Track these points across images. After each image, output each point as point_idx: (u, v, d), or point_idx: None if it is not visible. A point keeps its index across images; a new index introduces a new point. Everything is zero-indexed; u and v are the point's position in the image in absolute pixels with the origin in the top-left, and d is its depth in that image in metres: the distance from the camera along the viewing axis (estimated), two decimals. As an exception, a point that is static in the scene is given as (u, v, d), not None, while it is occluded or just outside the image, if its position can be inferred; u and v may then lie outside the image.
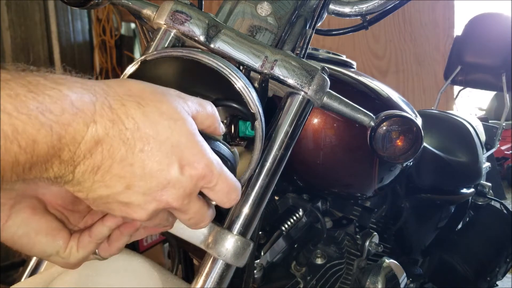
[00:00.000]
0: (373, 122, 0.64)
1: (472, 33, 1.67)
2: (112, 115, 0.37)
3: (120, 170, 0.37)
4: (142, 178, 0.38)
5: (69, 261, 0.47)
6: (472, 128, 1.52)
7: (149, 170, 0.38)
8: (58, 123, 0.34)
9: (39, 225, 0.46)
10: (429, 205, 1.25)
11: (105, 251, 0.49)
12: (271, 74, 0.58)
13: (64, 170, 0.36)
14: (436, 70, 2.75)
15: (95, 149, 0.36)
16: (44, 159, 0.34)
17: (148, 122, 0.38)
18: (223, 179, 0.42)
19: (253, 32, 0.64)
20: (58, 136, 0.34)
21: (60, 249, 0.46)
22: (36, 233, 0.46)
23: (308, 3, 0.67)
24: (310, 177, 0.90)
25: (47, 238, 0.46)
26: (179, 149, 0.39)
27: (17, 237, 0.45)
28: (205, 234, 0.54)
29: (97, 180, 0.37)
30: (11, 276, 2.04)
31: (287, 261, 0.90)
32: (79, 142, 0.35)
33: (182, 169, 0.39)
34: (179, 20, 0.59)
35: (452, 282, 1.30)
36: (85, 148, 0.35)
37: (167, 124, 0.39)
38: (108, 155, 0.37)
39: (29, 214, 0.46)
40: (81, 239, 0.47)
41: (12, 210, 0.46)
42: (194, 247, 0.54)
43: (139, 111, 0.38)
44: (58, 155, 0.34)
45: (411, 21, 2.76)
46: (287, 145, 0.58)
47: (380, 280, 0.87)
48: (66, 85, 0.35)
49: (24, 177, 0.34)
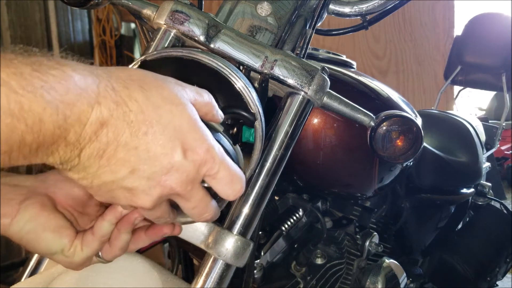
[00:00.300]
0: (373, 122, 0.64)
1: (472, 33, 1.67)
2: (115, 97, 0.37)
3: (125, 153, 0.37)
4: (146, 162, 0.38)
5: (73, 260, 0.47)
6: (472, 128, 1.52)
7: (153, 153, 0.38)
8: (63, 102, 0.34)
9: (47, 221, 0.47)
10: (429, 205, 1.25)
11: (108, 252, 0.49)
12: (271, 74, 0.58)
13: (70, 153, 0.35)
14: (436, 70, 2.75)
15: (100, 131, 0.36)
16: (51, 140, 0.34)
17: (151, 106, 0.38)
18: (225, 166, 0.42)
19: (253, 32, 0.64)
20: (64, 116, 0.34)
21: (65, 247, 0.47)
22: (43, 229, 0.46)
23: (308, 3, 0.67)
24: (310, 177, 0.90)
25: (54, 235, 0.46)
26: (181, 134, 0.39)
27: (25, 232, 0.46)
28: (205, 234, 0.54)
29: (102, 165, 0.37)
30: (11, 276, 2.04)
31: (287, 261, 0.90)
32: (84, 123, 0.35)
33: (185, 153, 0.39)
34: (179, 20, 0.59)
35: (452, 282, 1.30)
36: (90, 130, 0.35)
37: (169, 108, 0.39)
38: (113, 138, 0.36)
39: (38, 210, 0.46)
40: (85, 238, 0.47)
41: (21, 205, 0.46)
42: (194, 247, 0.54)
43: (142, 94, 0.38)
44: (64, 137, 0.34)
45: (411, 21, 2.76)
46: (287, 145, 0.58)
47: (380, 280, 0.87)
48: (69, 66, 0.35)
49: (30, 159, 0.34)
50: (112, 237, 0.48)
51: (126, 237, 0.48)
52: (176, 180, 0.39)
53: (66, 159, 0.36)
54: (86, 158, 0.36)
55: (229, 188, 0.42)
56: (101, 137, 0.36)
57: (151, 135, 0.38)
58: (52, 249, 0.47)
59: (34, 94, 0.32)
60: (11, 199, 0.47)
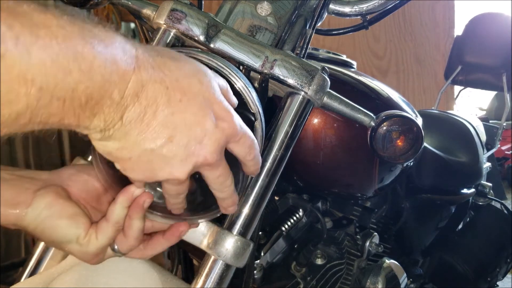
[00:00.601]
0: (373, 122, 0.64)
1: (473, 33, 1.67)
2: (152, 62, 0.38)
3: (163, 118, 0.38)
4: (182, 129, 0.39)
5: (87, 250, 0.47)
6: (472, 128, 1.51)
7: (188, 121, 0.39)
8: (109, 58, 0.35)
9: (63, 208, 0.47)
10: (429, 205, 1.25)
11: (123, 243, 0.49)
12: (271, 74, 0.58)
13: (114, 114, 0.36)
14: (436, 70, 2.75)
15: (141, 93, 0.37)
16: (98, 95, 0.34)
17: (183, 75, 0.40)
18: (248, 135, 0.45)
19: (253, 32, 0.64)
20: (110, 71, 0.35)
21: (80, 236, 0.47)
22: (60, 216, 0.47)
23: (308, 3, 0.67)
24: (310, 177, 0.89)
25: (70, 221, 0.47)
26: (210, 103, 0.41)
27: (41, 219, 0.46)
28: (205, 234, 0.54)
29: (143, 130, 0.38)
30: (11, 276, 2.03)
31: (287, 261, 0.90)
32: (127, 82, 0.36)
33: (215, 122, 0.41)
34: (178, 20, 0.59)
35: (453, 283, 1.30)
36: (132, 91, 0.36)
37: (198, 79, 0.41)
38: (152, 101, 0.37)
39: (53, 198, 0.47)
40: (100, 225, 0.48)
41: (36, 193, 0.47)
42: (194, 248, 0.54)
43: (174, 63, 0.40)
44: (109, 94, 0.35)
45: (411, 21, 2.75)
46: (287, 145, 0.58)
47: (380, 280, 0.87)
48: (111, 29, 0.37)
49: (79, 118, 0.34)
50: (125, 226, 0.48)
51: (139, 224, 0.48)
52: (210, 149, 0.40)
53: (109, 121, 0.36)
54: (128, 121, 0.37)
55: (249, 152, 0.45)
56: (141, 100, 0.37)
57: (185, 102, 0.39)
58: (67, 237, 0.47)
59: (85, 40, 0.33)
60: (27, 188, 0.48)
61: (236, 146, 0.44)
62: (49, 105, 0.32)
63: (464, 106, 4.35)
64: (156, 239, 0.51)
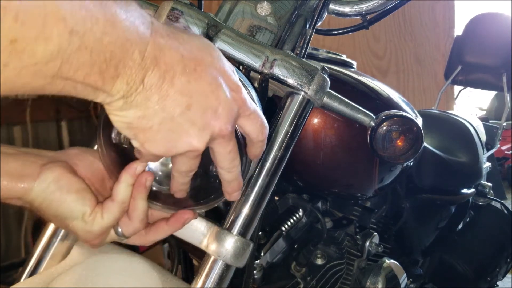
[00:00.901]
0: (373, 122, 0.64)
1: (473, 33, 1.67)
2: (167, 31, 0.39)
3: (181, 86, 0.39)
4: (199, 98, 0.40)
5: (92, 229, 0.47)
6: (472, 128, 1.51)
7: (204, 90, 0.40)
8: (128, 18, 0.35)
9: (70, 183, 0.47)
10: (429, 205, 1.25)
11: (127, 226, 0.49)
12: (271, 74, 0.58)
13: (135, 76, 0.36)
14: (436, 70, 2.75)
15: (160, 58, 0.37)
16: (120, 53, 0.35)
17: (195, 46, 0.41)
18: (258, 113, 0.46)
19: (253, 32, 0.64)
20: (129, 30, 0.35)
21: (86, 212, 0.47)
22: (68, 191, 0.47)
23: (308, 3, 0.67)
24: (310, 177, 0.89)
25: (77, 197, 0.47)
26: (222, 75, 0.42)
27: (47, 194, 0.46)
28: (205, 234, 0.54)
29: (162, 96, 0.38)
30: (11, 276, 2.03)
31: (287, 261, 0.90)
32: (146, 44, 0.37)
33: (229, 92, 0.42)
34: (178, 19, 0.59)
35: (453, 283, 1.30)
36: (152, 54, 0.37)
37: (209, 52, 0.42)
38: (170, 67, 0.38)
39: (61, 172, 0.47)
40: (105, 204, 0.48)
41: (43, 167, 0.47)
42: (194, 248, 0.54)
43: (185, 35, 0.41)
44: (130, 54, 0.35)
45: (411, 21, 2.75)
46: (287, 145, 0.58)
47: (380, 280, 0.87)
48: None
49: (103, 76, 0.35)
50: (130, 208, 0.48)
51: (143, 205, 0.48)
52: (224, 119, 0.41)
53: (132, 84, 0.37)
54: (149, 86, 0.37)
55: (261, 131, 0.46)
56: (160, 64, 0.37)
57: (199, 72, 0.40)
58: (73, 213, 0.47)
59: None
60: (33, 161, 0.48)
61: (247, 122, 0.45)
62: (78, 52, 0.32)
63: (464, 106, 4.35)
64: (159, 225, 0.51)
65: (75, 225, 0.47)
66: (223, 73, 0.42)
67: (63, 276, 0.58)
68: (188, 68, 0.39)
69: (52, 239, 0.62)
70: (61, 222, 0.48)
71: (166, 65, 0.38)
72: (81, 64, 0.33)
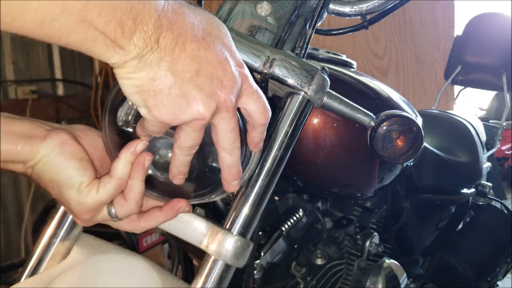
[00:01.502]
0: (373, 122, 0.64)
1: (473, 33, 1.67)
2: (180, 1, 0.41)
3: (191, 52, 0.40)
4: (207, 66, 0.41)
5: (85, 201, 0.47)
6: (472, 128, 1.51)
7: (211, 59, 0.41)
8: None
9: (75, 150, 0.48)
10: (429, 205, 1.25)
11: (122, 206, 0.49)
12: (271, 73, 0.58)
13: (151, 33, 0.37)
14: (436, 70, 2.75)
15: (173, 21, 0.39)
16: (139, 6, 0.36)
17: (204, 19, 0.42)
18: (261, 94, 0.46)
19: (252, 32, 0.64)
20: None
21: (84, 183, 0.47)
22: (71, 156, 0.47)
23: (308, 3, 0.67)
24: (310, 177, 0.89)
25: (79, 165, 0.47)
26: (227, 49, 0.43)
27: (52, 156, 0.47)
28: (205, 234, 0.54)
29: (174, 59, 0.39)
30: (11, 276, 2.04)
31: (287, 261, 0.90)
32: (161, 3, 0.38)
33: (234, 66, 0.43)
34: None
35: (453, 282, 1.30)
36: (166, 15, 0.38)
37: (216, 25, 0.43)
38: (183, 30, 0.39)
39: (67, 138, 0.48)
40: (102, 179, 0.48)
41: (51, 131, 0.48)
42: (194, 248, 0.54)
43: (195, 8, 0.42)
44: (147, 10, 0.37)
45: (411, 21, 2.75)
46: (287, 145, 0.58)
47: (380, 280, 0.87)
48: None
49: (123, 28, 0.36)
50: (126, 188, 0.48)
51: (140, 186, 0.48)
52: (230, 90, 0.42)
53: (147, 41, 0.38)
54: (163, 46, 0.38)
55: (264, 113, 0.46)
56: (174, 27, 0.39)
57: (208, 42, 0.41)
58: (71, 181, 0.47)
59: None
60: (40, 126, 0.49)
61: (250, 100, 0.45)
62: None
63: (464, 106, 4.35)
64: (153, 212, 0.51)
65: (69, 194, 0.47)
66: (229, 48, 0.43)
67: (63, 276, 0.58)
68: (198, 36, 0.41)
69: (52, 239, 0.62)
70: (56, 190, 0.48)
71: (180, 29, 0.39)
72: (105, 5, 0.35)
